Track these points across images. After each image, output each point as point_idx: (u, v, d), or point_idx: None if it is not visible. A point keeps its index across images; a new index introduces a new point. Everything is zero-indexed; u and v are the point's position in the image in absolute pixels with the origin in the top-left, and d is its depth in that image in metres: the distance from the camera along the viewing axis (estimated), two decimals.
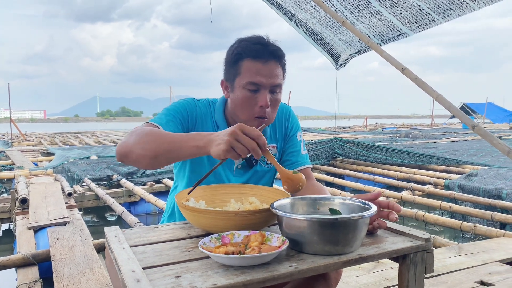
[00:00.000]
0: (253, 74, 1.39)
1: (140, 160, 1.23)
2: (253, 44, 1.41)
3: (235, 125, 1.06)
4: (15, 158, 9.82)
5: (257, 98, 1.40)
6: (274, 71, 1.41)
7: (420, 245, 1.07)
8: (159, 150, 1.18)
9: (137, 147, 1.22)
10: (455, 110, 2.50)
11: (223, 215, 1.11)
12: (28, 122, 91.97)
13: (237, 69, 1.42)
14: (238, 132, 1.04)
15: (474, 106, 32.13)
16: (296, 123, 1.67)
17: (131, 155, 1.24)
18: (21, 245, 3.35)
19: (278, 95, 1.45)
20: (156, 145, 1.19)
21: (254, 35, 1.45)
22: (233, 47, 1.45)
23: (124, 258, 0.97)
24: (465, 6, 3.08)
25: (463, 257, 2.70)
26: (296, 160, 1.61)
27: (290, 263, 0.94)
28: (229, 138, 1.04)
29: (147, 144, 1.20)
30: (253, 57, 1.39)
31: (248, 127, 1.05)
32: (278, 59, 1.42)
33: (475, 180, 5.23)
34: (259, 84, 1.39)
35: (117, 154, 1.29)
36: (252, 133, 1.05)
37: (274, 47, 1.42)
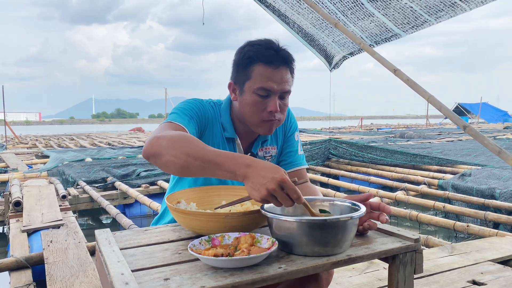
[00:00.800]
0: (265, 80, 1.39)
1: (169, 166, 1.17)
2: (265, 49, 1.40)
3: (277, 178, 0.99)
4: (9, 160, 9.77)
5: (267, 103, 1.41)
6: (285, 77, 1.41)
7: (410, 245, 1.08)
8: (192, 163, 1.12)
9: (169, 152, 1.16)
10: (447, 110, 2.52)
11: (213, 217, 1.11)
12: (23, 125, 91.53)
13: (248, 73, 1.42)
14: (278, 191, 1.00)
15: (468, 106, 32.30)
16: (294, 123, 1.68)
17: (162, 158, 1.18)
18: (14, 248, 3.33)
19: (287, 100, 1.46)
20: (189, 157, 1.12)
21: (265, 39, 1.45)
22: (243, 50, 1.44)
23: (113, 261, 0.97)
24: (456, 7, 3.10)
25: (455, 256, 2.72)
26: (292, 160, 1.62)
27: (280, 264, 0.95)
28: (266, 193, 1.00)
29: (180, 153, 1.14)
30: (265, 62, 1.39)
31: (290, 186, 1.00)
32: (288, 65, 1.43)
33: (468, 180, 5.26)
34: (270, 90, 1.39)
35: (145, 152, 1.23)
36: (293, 195, 1.01)
37: (285, 52, 1.42)
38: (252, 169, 1.04)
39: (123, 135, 24.58)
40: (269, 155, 1.60)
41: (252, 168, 1.04)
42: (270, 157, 1.60)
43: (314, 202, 1.19)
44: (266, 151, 1.59)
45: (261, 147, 1.58)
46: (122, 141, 16.73)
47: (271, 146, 1.61)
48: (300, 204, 1.05)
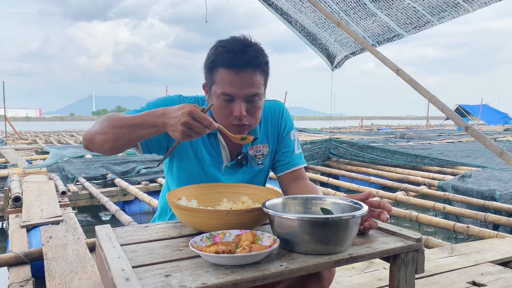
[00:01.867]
0: (226, 85, 1.33)
1: (103, 144, 1.28)
2: (227, 52, 1.33)
3: (186, 111, 1.09)
4: (9, 156, 9.76)
5: (232, 108, 1.36)
6: (249, 80, 1.34)
7: (411, 245, 1.08)
8: (119, 133, 1.24)
9: (99, 132, 1.28)
10: (449, 111, 2.51)
11: (214, 214, 1.11)
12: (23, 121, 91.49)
13: (212, 78, 1.38)
14: (191, 121, 1.09)
15: (469, 107, 32.28)
16: (289, 122, 1.62)
17: (94, 141, 1.29)
18: (13, 243, 3.32)
19: (258, 102, 1.39)
20: (116, 128, 1.24)
21: (232, 38, 1.37)
22: (210, 52, 1.39)
23: (114, 257, 0.96)
24: (459, 8, 3.10)
25: (455, 257, 2.72)
26: (290, 161, 1.58)
27: (281, 262, 0.94)
28: (182, 128, 1.10)
29: (107, 128, 1.26)
30: (226, 66, 1.33)
31: (200, 114, 1.10)
32: (254, 67, 1.34)
33: (469, 181, 5.25)
34: (233, 95, 1.34)
35: (83, 142, 1.35)
36: (204, 122, 1.11)
37: (250, 54, 1.33)
38: (166, 114, 1.15)
39: None
40: (260, 154, 1.56)
41: (166, 114, 1.15)
42: (261, 155, 1.56)
43: (315, 200, 1.18)
44: (257, 150, 1.55)
45: (252, 146, 1.54)
46: None
47: (262, 144, 1.56)
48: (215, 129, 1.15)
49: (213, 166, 1.51)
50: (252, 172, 1.55)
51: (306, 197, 1.20)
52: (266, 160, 1.57)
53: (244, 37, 1.38)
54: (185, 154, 1.49)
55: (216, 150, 1.50)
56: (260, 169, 1.57)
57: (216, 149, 1.50)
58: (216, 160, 1.51)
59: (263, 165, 1.57)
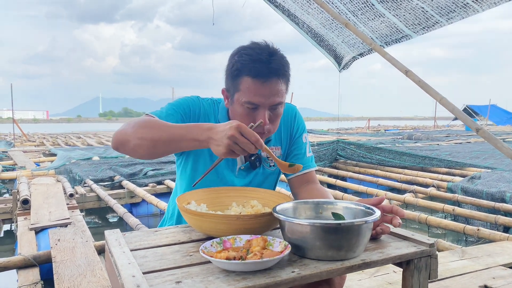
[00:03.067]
0: (252, 94, 1.32)
1: (137, 149, 1.23)
2: (253, 61, 1.31)
3: (234, 125, 1.06)
4: (17, 158, 9.83)
5: (256, 116, 1.35)
6: (275, 89, 1.34)
7: (424, 250, 1.06)
8: (158, 140, 1.18)
9: (135, 136, 1.22)
10: (459, 112, 2.48)
11: (224, 219, 1.10)
12: (30, 123, 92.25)
13: (236, 85, 1.36)
14: (238, 136, 1.05)
15: (477, 108, 32.05)
16: (302, 125, 1.63)
17: (128, 143, 1.24)
18: (22, 246, 3.34)
19: (279, 110, 1.40)
20: (155, 134, 1.19)
21: (256, 46, 1.36)
22: (233, 59, 1.37)
23: (124, 263, 0.96)
24: (468, 8, 3.07)
25: (466, 261, 2.68)
26: (300, 163, 1.57)
27: (293, 268, 0.93)
28: (228, 141, 1.06)
29: (145, 133, 1.20)
30: (253, 76, 1.32)
31: (247, 130, 1.06)
32: (280, 76, 1.34)
33: (478, 183, 5.20)
34: (258, 104, 1.34)
35: (113, 142, 1.28)
36: (251, 138, 1.06)
37: (276, 64, 1.33)
38: (212, 130, 1.10)
39: None
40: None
41: (212, 130, 1.11)
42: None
43: (326, 205, 1.17)
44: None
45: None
46: None
47: (275, 146, 1.57)
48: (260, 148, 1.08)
49: (227, 168, 1.52)
50: (264, 174, 1.56)
51: (317, 201, 1.18)
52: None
53: (266, 44, 1.37)
54: (201, 155, 1.49)
55: None
56: (272, 171, 1.58)
57: None
58: (230, 163, 1.52)
59: (275, 167, 1.57)
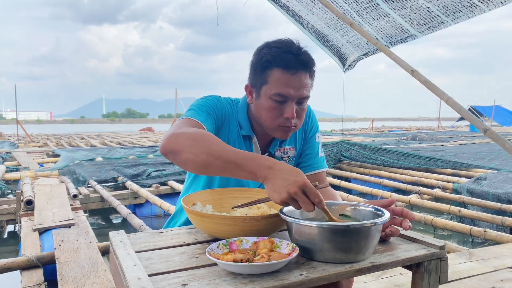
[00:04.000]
0: (282, 86, 1.33)
1: (188, 163, 1.15)
2: (284, 52, 1.33)
3: (300, 182, 0.98)
4: (21, 159, 9.86)
5: (284, 109, 1.35)
6: (304, 82, 1.35)
7: (435, 253, 1.04)
8: (212, 163, 1.10)
9: (189, 150, 1.13)
10: (466, 113, 2.46)
11: (230, 220, 1.08)
12: (34, 124, 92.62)
13: (265, 77, 1.36)
14: (300, 194, 0.99)
15: (481, 108, 31.88)
16: (315, 124, 1.62)
17: (181, 155, 1.15)
18: (26, 247, 3.33)
19: (305, 105, 1.41)
20: (210, 156, 1.10)
21: (284, 40, 1.38)
22: (261, 52, 1.38)
23: (129, 265, 0.94)
24: (475, 8, 3.04)
25: (474, 263, 2.65)
26: (312, 163, 1.57)
27: (301, 271, 0.91)
28: (287, 196, 0.99)
29: (200, 151, 1.11)
30: (283, 67, 1.33)
31: (312, 191, 0.99)
32: (308, 69, 1.36)
33: (484, 184, 5.16)
34: (287, 96, 1.34)
35: (163, 148, 1.19)
36: (314, 198, 0.99)
37: (305, 56, 1.35)
38: (273, 171, 1.02)
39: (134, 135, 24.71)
40: (287, 156, 1.55)
41: (273, 170, 1.02)
42: (287, 157, 1.55)
43: (335, 207, 1.15)
44: (284, 152, 1.54)
45: (279, 147, 1.53)
46: (132, 141, 16.81)
47: (289, 146, 1.56)
48: (319, 209, 1.03)
49: None
50: None
51: (325, 203, 1.16)
52: (291, 163, 1.56)
53: (293, 40, 1.38)
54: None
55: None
56: None
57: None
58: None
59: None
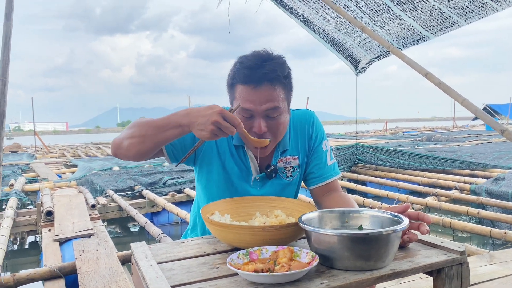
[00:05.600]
0: (244, 101, 1.32)
1: (130, 148, 1.30)
2: (244, 68, 1.32)
3: (217, 111, 1.11)
4: (40, 170, 10.03)
5: (252, 124, 1.35)
6: (267, 94, 1.31)
7: (455, 258, 1.03)
8: (144, 135, 1.26)
9: (126, 137, 1.31)
10: (482, 114, 2.44)
11: (250, 230, 1.09)
12: (51, 134, 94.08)
13: (233, 94, 1.38)
14: (221, 121, 1.10)
15: (496, 107, 31.35)
16: (321, 132, 1.57)
17: (122, 146, 1.32)
18: (47, 257, 3.39)
19: (279, 118, 1.36)
20: (142, 131, 1.27)
21: (252, 54, 1.36)
22: (231, 69, 1.40)
23: (152, 276, 0.96)
24: (487, 7, 3.02)
25: (495, 265, 2.62)
26: (322, 173, 1.53)
27: (321, 280, 0.92)
28: (212, 127, 1.11)
29: (134, 132, 1.29)
30: (243, 82, 1.32)
31: (229, 114, 1.11)
32: (272, 81, 1.31)
33: (503, 184, 5.08)
34: (251, 110, 1.33)
35: (111, 148, 1.38)
36: (233, 121, 1.12)
37: (267, 68, 1.31)
38: (191, 115, 1.15)
39: None
40: (290, 166, 1.51)
41: (191, 114, 1.15)
42: (291, 167, 1.52)
43: (352, 214, 1.15)
44: (286, 162, 1.51)
45: (281, 157, 1.51)
46: None
47: (291, 156, 1.52)
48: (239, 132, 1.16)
49: (242, 178, 1.49)
50: (281, 185, 1.52)
51: (342, 210, 1.17)
52: (295, 173, 1.53)
53: (265, 51, 1.36)
54: (214, 166, 1.48)
55: (245, 162, 1.49)
56: (289, 182, 1.53)
57: (245, 162, 1.49)
58: (244, 172, 1.49)
59: (293, 178, 1.52)
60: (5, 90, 2.39)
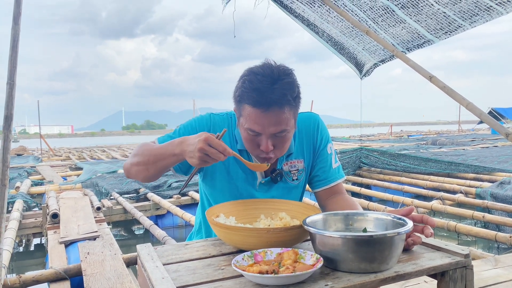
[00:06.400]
0: (252, 122, 1.30)
1: (138, 175, 1.40)
2: (253, 90, 1.27)
3: (202, 138, 1.15)
4: (45, 173, 10.08)
5: (259, 141, 1.34)
6: (276, 119, 1.28)
7: (459, 261, 1.03)
8: (147, 163, 1.34)
9: (132, 164, 1.40)
10: (487, 117, 2.44)
11: (254, 232, 1.10)
12: (56, 137, 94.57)
13: (240, 110, 1.35)
14: (206, 148, 1.14)
15: (502, 110, 31.19)
16: (325, 135, 1.57)
17: (131, 172, 1.42)
18: (53, 259, 3.41)
19: (286, 136, 1.35)
20: (144, 159, 1.35)
21: (260, 71, 1.29)
22: (238, 83, 1.34)
23: (158, 277, 0.97)
24: (492, 11, 3.02)
25: (500, 269, 2.61)
26: (327, 176, 1.53)
27: (326, 282, 0.92)
28: (199, 154, 1.15)
29: (138, 160, 1.38)
30: (251, 105, 1.28)
31: (215, 141, 1.15)
32: (282, 105, 1.28)
33: (508, 188, 5.05)
34: (259, 132, 1.31)
35: (124, 172, 1.48)
36: (219, 148, 1.15)
37: (277, 93, 1.26)
38: (184, 143, 1.21)
39: None
40: (295, 169, 1.52)
41: (184, 142, 1.21)
42: (296, 171, 1.52)
43: (357, 216, 1.16)
44: (291, 165, 1.51)
45: (286, 161, 1.51)
46: None
47: (297, 159, 1.52)
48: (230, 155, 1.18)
49: (247, 182, 1.49)
50: (286, 188, 1.52)
51: (346, 213, 1.17)
52: (301, 176, 1.53)
53: (272, 70, 1.29)
54: (218, 172, 1.48)
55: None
56: (294, 185, 1.53)
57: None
58: (250, 176, 1.49)
59: (298, 181, 1.53)
60: (13, 93, 2.41)
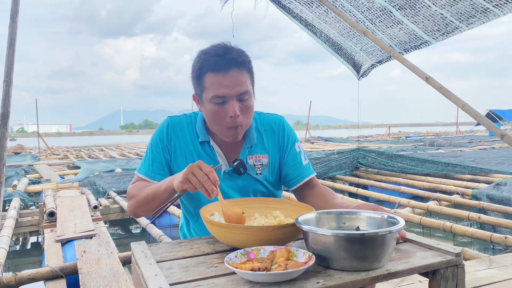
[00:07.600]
0: (217, 87, 1.38)
1: (146, 214, 1.49)
2: (211, 56, 1.39)
3: (194, 164, 1.22)
4: (43, 171, 10.07)
5: (226, 109, 1.40)
6: (237, 79, 1.39)
7: (451, 260, 1.04)
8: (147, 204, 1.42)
9: (135, 208, 1.50)
10: (482, 119, 2.45)
11: (248, 230, 1.11)
12: (54, 136, 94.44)
13: (202, 84, 1.42)
14: (195, 167, 1.21)
15: (500, 112, 31.27)
16: (291, 134, 1.63)
17: (138, 214, 1.54)
18: (49, 257, 3.41)
19: (249, 101, 1.44)
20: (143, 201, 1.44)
21: (214, 45, 1.44)
22: (194, 62, 1.45)
23: (151, 274, 0.97)
24: (489, 13, 3.03)
25: (494, 270, 2.62)
26: (300, 173, 1.58)
27: (317, 279, 0.93)
28: (186, 171, 1.21)
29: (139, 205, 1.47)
30: (212, 70, 1.38)
31: (204, 165, 1.22)
32: (239, 66, 1.40)
33: (504, 189, 5.07)
34: (225, 96, 1.39)
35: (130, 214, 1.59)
36: (204, 169, 1.21)
37: (233, 54, 1.39)
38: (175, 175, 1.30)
39: None
40: (260, 164, 1.56)
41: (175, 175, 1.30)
42: (260, 165, 1.56)
43: (349, 215, 1.17)
44: (256, 159, 1.55)
45: (250, 155, 1.55)
46: None
47: (261, 154, 1.57)
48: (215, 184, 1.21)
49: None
50: (252, 180, 1.56)
51: (339, 211, 1.18)
52: (265, 171, 1.57)
53: (223, 42, 1.44)
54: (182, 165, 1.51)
55: (212, 157, 1.53)
56: (259, 179, 1.57)
57: (212, 157, 1.53)
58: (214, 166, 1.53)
59: (262, 175, 1.57)
60: (10, 91, 2.42)
